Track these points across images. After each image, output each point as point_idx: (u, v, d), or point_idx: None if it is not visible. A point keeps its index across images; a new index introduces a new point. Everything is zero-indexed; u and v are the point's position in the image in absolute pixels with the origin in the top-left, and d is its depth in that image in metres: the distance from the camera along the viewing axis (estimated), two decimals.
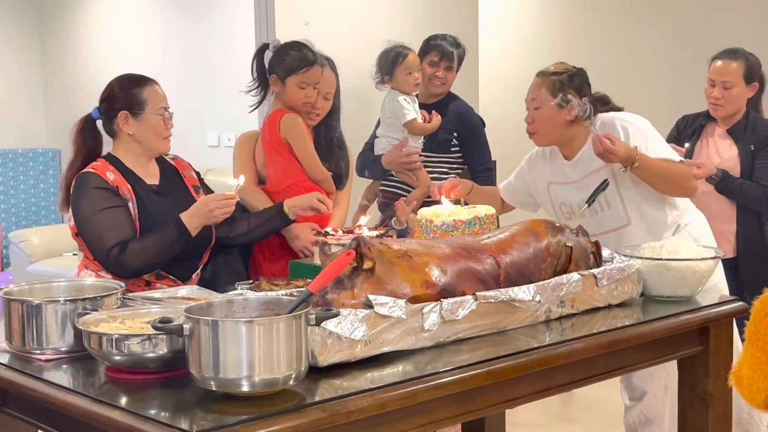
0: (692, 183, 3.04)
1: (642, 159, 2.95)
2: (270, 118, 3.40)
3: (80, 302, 2.08)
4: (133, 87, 2.92)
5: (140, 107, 2.87)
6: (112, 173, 2.82)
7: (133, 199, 2.82)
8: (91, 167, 2.82)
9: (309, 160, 3.38)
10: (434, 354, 2.05)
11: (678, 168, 3.03)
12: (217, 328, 1.70)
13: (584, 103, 3.05)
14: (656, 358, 2.52)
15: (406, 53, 3.93)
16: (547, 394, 2.24)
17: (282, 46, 3.43)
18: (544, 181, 3.24)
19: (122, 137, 2.90)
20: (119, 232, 2.74)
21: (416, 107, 3.94)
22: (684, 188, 3.05)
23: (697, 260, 2.58)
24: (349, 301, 2.02)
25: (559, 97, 3.04)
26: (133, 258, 2.72)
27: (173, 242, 2.77)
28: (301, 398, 1.76)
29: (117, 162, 2.87)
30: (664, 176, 3.01)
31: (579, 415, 4.56)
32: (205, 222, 2.82)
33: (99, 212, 2.74)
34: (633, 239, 3.03)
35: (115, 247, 2.71)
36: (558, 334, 2.25)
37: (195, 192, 3.01)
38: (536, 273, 2.35)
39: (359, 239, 2.08)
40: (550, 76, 3.07)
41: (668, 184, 3.04)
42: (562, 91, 3.04)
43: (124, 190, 2.81)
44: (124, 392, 1.83)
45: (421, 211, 2.84)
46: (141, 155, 2.91)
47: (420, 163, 3.91)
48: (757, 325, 2.12)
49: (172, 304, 2.17)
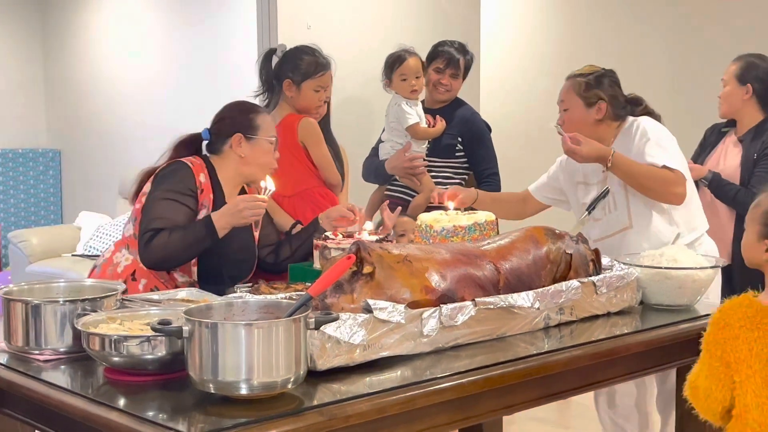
0: (676, 190, 3.02)
1: (616, 160, 2.98)
2: (285, 121, 3.41)
3: (79, 303, 2.07)
4: (250, 113, 2.97)
5: (254, 132, 2.91)
6: (205, 177, 2.86)
7: (209, 209, 2.83)
8: (188, 161, 2.87)
9: (326, 164, 3.42)
10: (433, 359, 2.05)
11: (659, 173, 3.00)
12: (216, 330, 1.69)
13: (614, 103, 3.11)
14: (654, 367, 2.52)
15: (405, 58, 3.90)
16: (545, 401, 2.24)
17: (294, 51, 3.44)
18: (574, 181, 3.25)
19: (227, 158, 2.93)
20: (166, 223, 2.74)
21: (419, 111, 3.93)
22: (664, 194, 3.04)
23: (697, 269, 2.58)
24: (349, 305, 2.02)
25: (585, 98, 3.11)
26: (157, 247, 2.71)
27: (199, 239, 2.74)
28: (299, 402, 1.76)
29: (212, 169, 2.91)
30: (639, 179, 3.01)
31: (576, 423, 4.56)
32: (233, 222, 2.76)
33: (168, 198, 2.77)
34: (631, 245, 3.04)
35: (150, 231, 2.73)
36: (557, 341, 2.25)
37: (255, 226, 3.02)
38: (536, 280, 2.35)
39: (359, 243, 2.08)
40: (577, 78, 3.15)
41: (645, 188, 3.03)
42: (588, 91, 3.11)
43: (207, 196, 2.85)
44: (123, 394, 1.83)
45: (421, 216, 2.84)
46: (236, 177, 2.94)
47: (423, 168, 3.91)
48: (715, 334, 2.15)
49: (171, 306, 2.17)
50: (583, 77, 3.14)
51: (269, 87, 3.49)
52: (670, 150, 3.08)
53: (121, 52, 7.25)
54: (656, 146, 3.05)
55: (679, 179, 3.02)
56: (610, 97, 3.12)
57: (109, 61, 7.37)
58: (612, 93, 3.14)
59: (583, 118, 3.13)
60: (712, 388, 2.14)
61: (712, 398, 2.15)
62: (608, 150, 3.01)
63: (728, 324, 2.14)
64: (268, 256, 3.04)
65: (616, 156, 2.99)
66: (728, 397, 2.14)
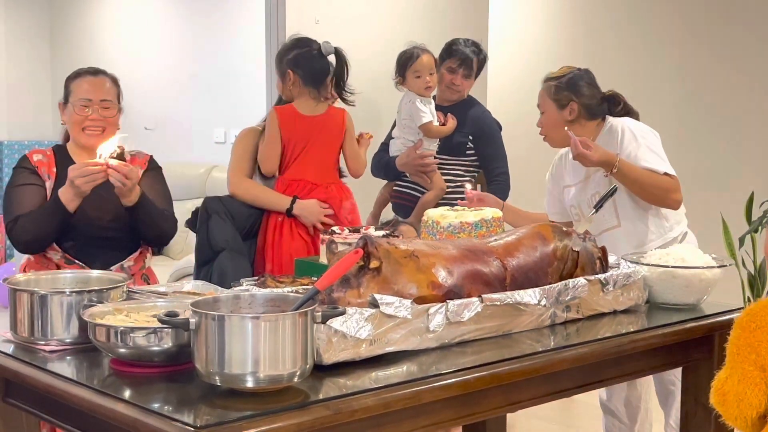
0: (675, 197, 3.10)
1: (621, 165, 3.03)
2: (333, 111, 3.45)
3: (86, 294, 2.07)
4: (71, 79, 3.07)
5: (67, 97, 3.04)
6: (40, 155, 3.03)
7: (52, 179, 2.97)
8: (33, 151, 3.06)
9: (357, 155, 3.49)
10: (439, 355, 2.05)
11: (661, 180, 3.08)
12: (223, 323, 1.69)
13: (586, 103, 3.17)
14: (660, 366, 2.52)
15: (419, 55, 3.89)
16: (550, 399, 2.24)
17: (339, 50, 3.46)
18: (561, 185, 3.28)
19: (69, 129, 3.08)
20: (21, 207, 2.89)
21: (432, 109, 3.92)
22: (665, 200, 3.11)
23: (704, 268, 2.58)
24: (355, 300, 2.01)
25: (557, 101, 3.19)
26: (21, 231, 2.88)
27: (51, 214, 2.85)
28: (305, 396, 1.75)
29: (61, 149, 3.07)
30: (643, 185, 3.07)
31: (579, 422, 4.55)
32: (74, 193, 2.82)
33: (15, 188, 2.95)
34: (619, 243, 3.08)
35: (12, 221, 2.89)
36: (563, 339, 2.25)
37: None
38: (542, 277, 2.35)
39: (367, 238, 2.08)
40: (549, 81, 3.23)
41: (648, 194, 3.10)
42: (559, 93, 3.19)
43: (45, 171, 2.98)
44: (128, 385, 1.83)
45: (427, 212, 2.84)
46: (75, 146, 3.05)
47: (434, 166, 3.90)
48: (747, 338, 2.09)
49: (177, 299, 2.17)
50: (554, 80, 3.22)
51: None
52: (662, 154, 3.14)
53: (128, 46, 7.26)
54: (649, 151, 3.11)
55: (678, 186, 3.10)
56: (582, 97, 3.18)
57: (115, 55, 7.37)
58: (585, 93, 3.20)
59: (556, 120, 3.21)
60: (746, 393, 2.06)
61: (745, 403, 2.06)
62: (614, 156, 3.05)
63: (760, 326, 2.08)
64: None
65: (621, 162, 3.04)
66: (764, 402, 2.06)
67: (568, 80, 3.21)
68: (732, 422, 2.12)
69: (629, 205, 3.17)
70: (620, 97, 3.30)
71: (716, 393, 2.13)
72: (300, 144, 3.36)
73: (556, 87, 3.20)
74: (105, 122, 3.03)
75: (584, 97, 3.19)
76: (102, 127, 3.02)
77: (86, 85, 3.04)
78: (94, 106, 3.01)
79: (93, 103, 3.01)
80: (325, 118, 3.42)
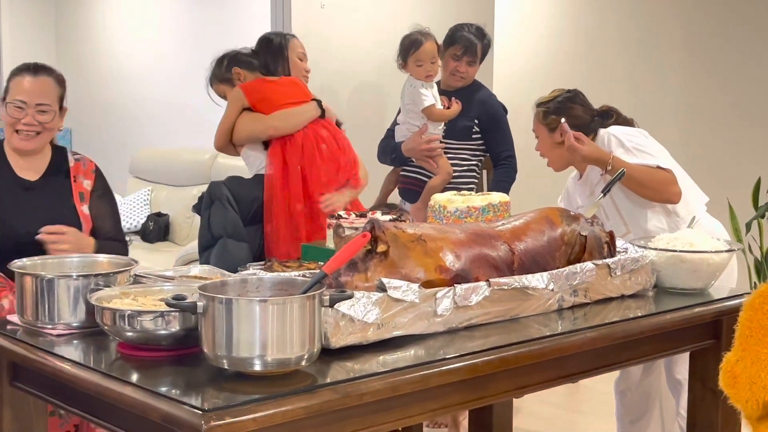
0: (673, 189, 3.12)
1: (615, 163, 3.07)
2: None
3: (93, 278, 2.07)
4: (12, 75, 2.86)
5: (5, 95, 2.85)
6: None
7: None
8: None
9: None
10: (446, 339, 2.04)
11: (656, 173, 3.10)
12: (231, 306, 1.69)
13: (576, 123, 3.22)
14: (668, 350, 2.51)
15: (421, 42, 3.86)
16: (558, 383, 2.24)
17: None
18: (575, 207, 3.28)
19: None
20: None
21: (435, 93, 3.91)
22: (664, 193, 3.13)
23: (712, 252, 2.57)
24: (363, 283, 2.01)
25: (547, 125, 3.27)
26: None
27: None
28: (313, 379, 1.75)
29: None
30: (640, 180, 3.10)
31: (586, 407, 4.55)
32: None
33: None
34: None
35: None
36: (570, 323, 2.24)
37: (80, 199, 2.89)
38: (550, 261, 2.34)
39: (374, 222, 2.07)
40: (538, 106, 3.33)
41: (646, 189, 3.12)
42: (547, 118, 3.28)
43: None
44: (136, 369, 1.83)
45: (434, 196, 2.83)
46: (11, 146, 2.86)
47: (440, 150, 3.89)
48: (760, 320, 2.06)
49: (184, 283, 2.17)
50: (543, 105, 3.30)
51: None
52: (651, 150, 3.16)
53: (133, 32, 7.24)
54: (637, 151, 3.15)
55: (674, 179, 3.11)
56: (569, 119, 3.23)
57: (121, 41, 7.35)
58: (572, 113, 3.26)
59: (550, 143, 3.29)
60: (760, 375, 2.02)
61: (758, 386, 2.02)
62: (608, 154, 3.11)
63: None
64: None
65: (615, 159, 3.09)
66: None
67: (556, 104, 3.29)
68: (741, 405, 2.09)
69: (633, 209, 3.20)
70: (613, 110, 3.35)
71: (726, 375, 2.11)
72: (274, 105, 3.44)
73: (544, 112, 3.29)
74: (40, 127, 2.83)
75: (572, 117, 3.25)
76: (36, 131, 2.83)
77: (25, 84, 2.83)
78: (29, 110, 2.80)
79: (28, 106, 2.80)
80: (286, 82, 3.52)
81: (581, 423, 4.40)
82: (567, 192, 3.44)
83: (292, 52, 3.58)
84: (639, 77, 5.84)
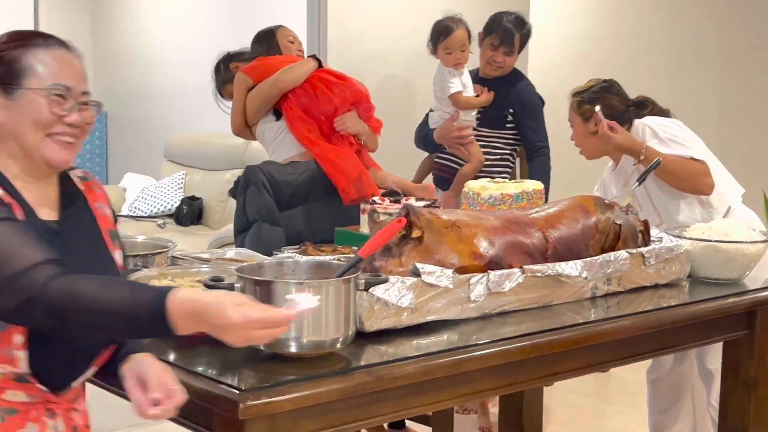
0: (706, 180, 3.10)
1: (648, 153, 3.06)
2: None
3: (131, 259, 2.10)
4: (24, 47, 1.70)
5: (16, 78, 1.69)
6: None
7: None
8: None
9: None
10: (479, 325, 2.06)
11: (690, 164, 3.09)
12: (268, 288, 1.71)
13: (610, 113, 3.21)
14: (701, 340, 2.51)
15: (451, 30, 3.83)
16: (590, 371, 2.25)
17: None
18: (610, 197, 3.27)
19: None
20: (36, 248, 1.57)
21: (465, 80, 3.89)
22: (697, 185, 3.12)
23: (747, 243, 2.55)
24: (397, 268, 2.02)
25: (581, 114, 3.27)
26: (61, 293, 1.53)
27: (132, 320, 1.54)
28: (347, 362, 1.77)
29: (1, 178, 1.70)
30: (672, 171, 3.08)
31: (615, 397, 4.55)
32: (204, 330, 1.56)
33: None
34: None
35: (46, 264, 1.55)
36: (603, 312, 2.25)
37: (111, 241, 1.84)
38: (584, 249, 2.34)
39: (409, 207, 2.09)
40: (574, 96, 3.32)
41: (679, 180, 3.11)
42: (581, 107, 3.27)
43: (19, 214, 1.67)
44: (173, 349, 1.84)
45: (468, 183, 2.84)
46: (28, 167, 1.72)
47: (472, 138, 3.88)
48: None
49: (220, 264, 2.19)
50: (578, 95, 3.30)
51: None
52: (685, 140, 3.15)
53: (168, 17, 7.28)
54: (672, 142, 3.13)
55: (707, 170, 3.10)
56: (605, 108, 3.22)
57: (155, 27, 7.40)
58: (607, 103, 3.24)
59: (584, 132, 3.28)
60: None
61: None
62: (641, 143, 3.10)
63: None
64: None
65: (648, 149, 3.07)
66: None
67: (591, 94, 3.28)
68: None
69: (666, 200, 3.19)
70: (649, 101, 3.34)
71: None
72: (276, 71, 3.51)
73: (579, 102, 3.28)
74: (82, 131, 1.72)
75: (607, 107, 3.24)
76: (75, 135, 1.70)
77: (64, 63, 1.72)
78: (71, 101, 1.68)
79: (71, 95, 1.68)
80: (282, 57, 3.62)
81: (610, 412, 4.39)
82: (603, 182, 3.43)
83: (281, 38, 3.69)
84: (678, 66, 5.79)
